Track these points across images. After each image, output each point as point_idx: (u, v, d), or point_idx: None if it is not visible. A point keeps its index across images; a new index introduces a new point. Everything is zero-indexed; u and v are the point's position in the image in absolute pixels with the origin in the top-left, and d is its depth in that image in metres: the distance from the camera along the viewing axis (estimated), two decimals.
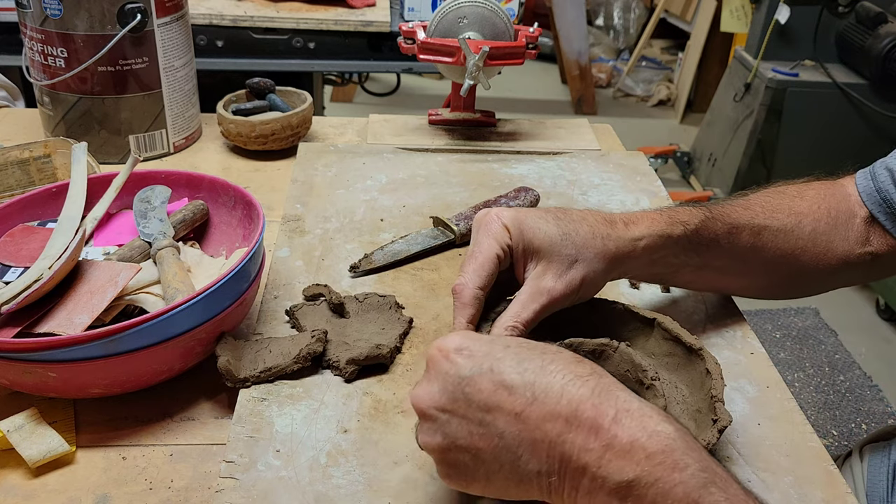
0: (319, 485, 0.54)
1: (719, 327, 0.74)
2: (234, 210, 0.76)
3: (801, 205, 0.72)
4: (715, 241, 0.67)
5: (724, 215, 0.68)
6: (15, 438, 0.57)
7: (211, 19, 1.65)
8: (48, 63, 0.95)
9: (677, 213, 0.66)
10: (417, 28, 1.04)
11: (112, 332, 0.55)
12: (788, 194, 0.73)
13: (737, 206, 0.69)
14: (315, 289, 0.74)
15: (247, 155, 1.05)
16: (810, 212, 0.72)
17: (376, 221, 0.88)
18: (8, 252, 0.71)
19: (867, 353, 2.23)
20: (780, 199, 0.72)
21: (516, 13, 1.72)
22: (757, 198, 0.72)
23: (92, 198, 0.77)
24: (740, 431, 0.61)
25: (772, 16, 2.56)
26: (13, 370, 0.56)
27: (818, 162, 1.07)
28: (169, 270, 0.68)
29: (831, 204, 0.73)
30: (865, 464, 0.89)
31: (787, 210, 0.71)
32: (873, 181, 0.74)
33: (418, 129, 1.11)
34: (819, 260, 0.72)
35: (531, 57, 1.05)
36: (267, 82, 1.07)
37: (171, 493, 0.56)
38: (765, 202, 0.71)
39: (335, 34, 1.70)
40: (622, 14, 4.27)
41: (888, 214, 0.73)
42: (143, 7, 0.94)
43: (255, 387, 0.63)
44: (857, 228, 0.74)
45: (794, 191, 0.74)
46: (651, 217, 0.64)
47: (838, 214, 0.73)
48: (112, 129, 0.99)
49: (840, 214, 0.73)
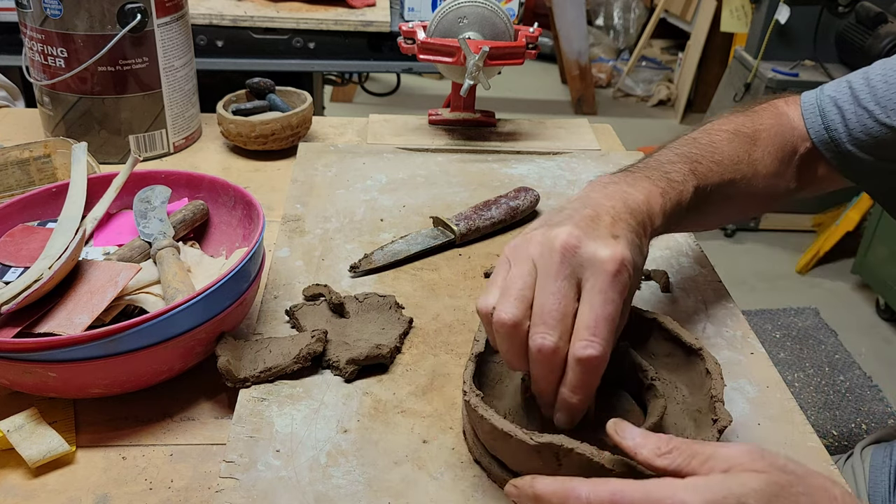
0: (319, 485, 0.54)
1: (719, 327, 0.74)
2: (234, 210, 0.76)
3: (757, 152, 0.73)
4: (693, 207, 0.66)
5: (705, 179, 0.67)
6: (15, 438, 0.57)
7: (211, 19, 1.65)
8: (48, 63, 0.95)
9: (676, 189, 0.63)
10: (417, 28, 1.04)
11: (112, 332, 0.55)
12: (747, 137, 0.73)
13: (712, 163, 0.69)
14: (315, 289, 0.74)
15: (247, 155, 1.05)
16: (763, 158, 0.73)
17: (376, 221, 0.88)
18: (8, 252, 0.71)
19: (867, 353, 2.23)
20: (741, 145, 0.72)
21: (516, 13, 1.72)
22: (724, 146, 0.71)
23: (92, 198, 0.77)
24: (740, 431, 0.61)
25: (772, 16, 2.56)
26: (13, 370, 0.56)
27: None
28: (169, 270, 0.68)
29: (779, 145, 0.74)
30: (867, 464, 0.89)
31: (746, 160, 0.72)
32: (822, 118, 0.75)
33: (418, 129, 1.11)
34: (765, 199, 0.75)
35: (531, 57, 1.05)
36: (267, 82, 1.07)
37: (171, 493, 0.56)
38: (732, 154, 0.71)
39: (335, 34, 1.70)
40: (622, 14, 4.26)
41: (835, 153, 0.75)
42: (143, 7, 0.94)
43: (255, 387, 0.63)
44: (795, 165, 0.76)
45: (750, 131, 0.74)
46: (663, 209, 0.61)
47: (784, 156, 0.74)
48: (112, 129, 0.99)
49: (785, 155, 0.75)
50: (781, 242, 2.76)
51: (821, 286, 2.55)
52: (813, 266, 2.63)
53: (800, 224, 2.82)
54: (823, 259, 2.63)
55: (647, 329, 0.63)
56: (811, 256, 2.61)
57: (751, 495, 0.41)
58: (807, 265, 2.62)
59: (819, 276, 2.60)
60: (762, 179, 0.73)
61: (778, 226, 2.82)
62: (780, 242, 2.77)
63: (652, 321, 0.63)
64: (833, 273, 2.61)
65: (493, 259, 0.82)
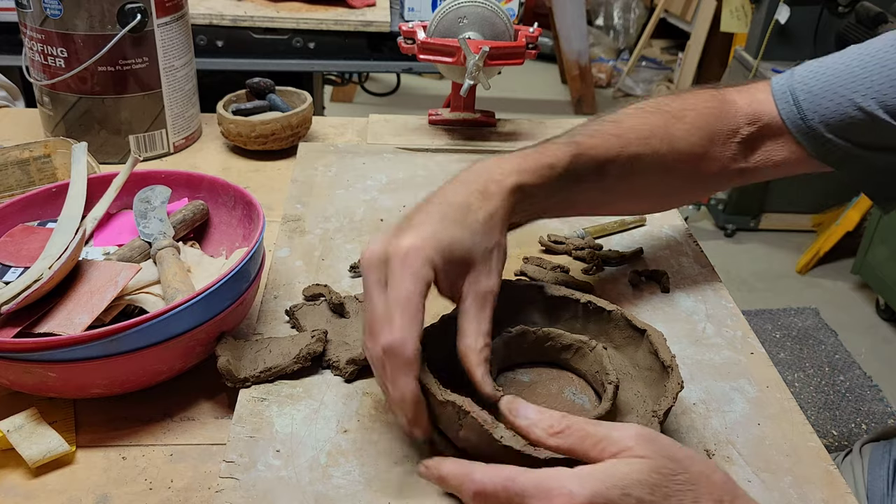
0: (319, 485, 0.55)
1: (719, 327, 0.74)
2: (234, 210, 0.76)
3: (679, 128, 0.71)
4: (584, 179, 0.66)
5: (593, 148, 0.66)
6: (15, 438, 0.57)
7: (211, 19, 1.65)
8: (48, 63, 0.95)
9: (544, 154, 0.64)
10: (417, 28, 1.04)
11: (112, 332, 0.55)
12: (668, 114, 0.72)
13: (608, 135, 0.68)
14: (315, 289, 0.74)
15: (247, 155, 1.05)
16: (687, 135, 0.71)
17: (376, 221, 0.88)
18: (8, 252, 0.71)
19: (867, 353, 2.23)
20: (657, 120, 0.71)
21: (516, 13, 1.72)
22: (632, 120, 0.70)
23: (92, 198, 0.77)
24: (740, 431, 0.61)
25: (772, 16, 2.56)
26: (13, 370, 0.56)
27: None
28: (169, 270, 0.68)
29: (711, 125, 0.72)
30: (866, 462, 0.89)
31: (661, 135, 0.70)
32: (797, 108, 0.73)
33: (418, 129, 1.11)
34: (692, 180, 0.73)
35: (531, 57, 1.05)
36: (267, 82, 1.07)
37: (171, 493, 0.56)
38: (640, 127, 0.70)
39: (335, 34, 1.70)
40: (622, 14, 4.27)
41: (810, 139, 0.73)
42: (143, 7, 0.94)
43: (255, 387, 0.63)
44: (734, 147, 0.74)
45: (675, 109, 0.72)
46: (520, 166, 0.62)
47: (716, 136, 0.72)
48: (112, 129, 0.99)
49: (719, 135, 0.73)
50: (781, 242, 2.77)
51: (821, 286, 2.55)
52: (813, 266, 2.63)
53: (800, 224, 2.82)
54: (823, 259, 2.63)
55: (639, 339, 0.63)
56: (811, 256, 2.61)
57: (635, 486, 0.43)
58: (807, 265, 2.62)
59: (819, 276, 2.60)
60: (683, 157, 0.71)
61: (778, 226, 2.82)
62: (780, 242, 2.77)
63: (642, 332, 0.62)
64: (833, 273, 2.61)
65: None
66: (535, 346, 0.63)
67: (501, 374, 0.63)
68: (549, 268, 0.80)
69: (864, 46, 0.72)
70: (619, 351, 0.65)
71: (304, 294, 0.74)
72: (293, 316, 0.71)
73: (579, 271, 0.81)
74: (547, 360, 0.64)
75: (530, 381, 0.63)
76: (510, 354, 0.63)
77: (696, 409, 0.63)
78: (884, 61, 0.69)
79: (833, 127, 0.72)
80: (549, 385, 0.62)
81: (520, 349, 0.63)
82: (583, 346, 0.61)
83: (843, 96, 0.71)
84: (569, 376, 0.63)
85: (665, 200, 0.76)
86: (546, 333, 0.62)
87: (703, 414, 0.63)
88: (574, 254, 0.83)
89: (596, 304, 0.65)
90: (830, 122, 0.72)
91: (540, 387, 0.62)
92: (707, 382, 0.67)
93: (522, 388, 0.62)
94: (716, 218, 2.84)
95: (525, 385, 0.62)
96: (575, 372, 0.63)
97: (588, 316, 0.65)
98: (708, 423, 0.62)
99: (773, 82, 0.76)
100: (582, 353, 0.62)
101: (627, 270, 0.81)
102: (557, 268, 0.80)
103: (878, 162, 0.73)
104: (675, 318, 0.75)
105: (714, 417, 0.63)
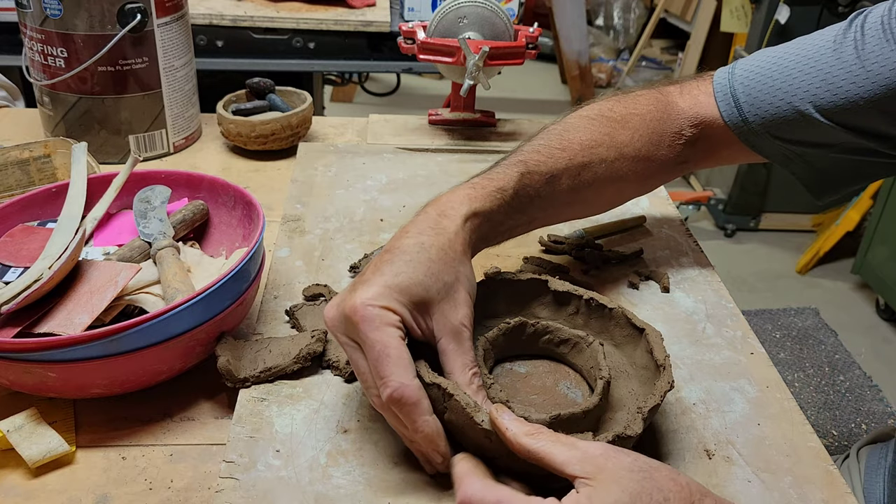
0: (319, 485, 0.55)
1: (719, 327, 0.74)
2: (234, 210, 0.76)
3: (624, 134, 0.72)
4: (536, 195, 0.67)
5: (540, 164, 0.68)
6: (15, 438, 0.57)
7: (211, 19, 1.65)
8: (48, 63, 0.95)
9: (493, 179, 0.65)
10: (417, 28, 1.04)
11: (112, 332, 0.55)
12: (612, 120, 0.73)
13: (553, 149, 0.69)
14: (315, 289, 0.74)
15: (247, 155, 1.05)
16: (632, 141, 0.73)
17: (376, 221, 0.88)
18: (8, 252, 0.71)
19: (867, 353, 2.23)
20: (602, 128, 0.72)
21: (516, 13, 1.72)
22: (577, 131, 0.72)
23: (92, 198, 0.77)
24: (740, 431, 0.61)
25: (772, 16, 2.56)
26: (13, 370, 0.56)
27: None
28: (169, 270, 0.68)
29: (655, 129, 0.74)
30: (863, 467, 0.89)
31: (607, 143, 0.71)
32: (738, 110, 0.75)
33: (418, 129, 1.11)
34: (642, 179, 0.75)
35: (531, 57, 1.05)
36: (267, 82, 1.07)
37: (171, 493, 0.56)
38: (585, 138, 0.71)
39: (335, 34, 1.70)
40: (622, 14, 4.26)
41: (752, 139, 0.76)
42: (143, 7, 0.94)
43: (255, 387, 0.63)
44: (678, 147, 0.76)
45: (619, 115, 0.74)
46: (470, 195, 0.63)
47: (661, 138, 0.74)
48: (112, 129, 0.99)
49: (663, 138, 0.75)
50: (781, 242, 2.77)
51: (821, 286, 2.55)
52: (813, 266, 2.63)
53: (800, 224, 2.82)
54: (823, 259, 2.63)
55: (639, 338, 0.63)
56: (811, 256, 2.61)
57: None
58: (807, 265, 2.62)
59: (819, 276, 2.60)
60: (630, 161, 0.72)
61: (778, 226, 2.82)
62: (780, 242, 2.77)
63: (641, 330, 0.63)
64: (833, 273, 2.61)
65: (492, 259, 0.82)
66: (533, 338, 0.63)
67: (498, 364, 0.64)
68: (549, 268, 0.80)
69: (807, 42, 0.74)
70: (619, 349, 0.65)
71: (304, 294, 0.74)
72: (293, 316, 0.71)
73: (579, 271, 0.81)
74: (545, 353, 0.64)
75: (526, 373, 0.63)
76: (508, 345, 0.63)
77: (696, 409, 0.63)
78: (820, 64, 0.71)
79: (773, 127, 0.74)
80: (545, 377, 0.63)
81: (518, 341, 0.63)
82: (580, 342, 0.62)
83: (781, 99, 0.73)
84: (565, 370, 0.63)
85: (616, 199, 0.78)
86: (544, 327, 0.63)
87: (703, 414, 0.63)
88: (574, 254, 0.83)
89: (598, 300, 0.65)
90: (770, 123, 0.74)
91: (535, 378, 0.63)
92: (707, 382, 0.67)
93: (518, 378, 0.63)
94: (716, 218, 2.84)
95: (521, 376, 0.63)
96: (571, 366, 0.63)
97: (590, 312, 0.66)
98: (708, 423, 0.62)
99: (714, 82, 0.78)
100: (579, 348, 0.62)
101: (627, 270, 0.81)
102: (557, 267, 0.80)
103: (816, 159, 0.76)
104: (675, 318, 0.75)
105: (714, 417, 0.63)
